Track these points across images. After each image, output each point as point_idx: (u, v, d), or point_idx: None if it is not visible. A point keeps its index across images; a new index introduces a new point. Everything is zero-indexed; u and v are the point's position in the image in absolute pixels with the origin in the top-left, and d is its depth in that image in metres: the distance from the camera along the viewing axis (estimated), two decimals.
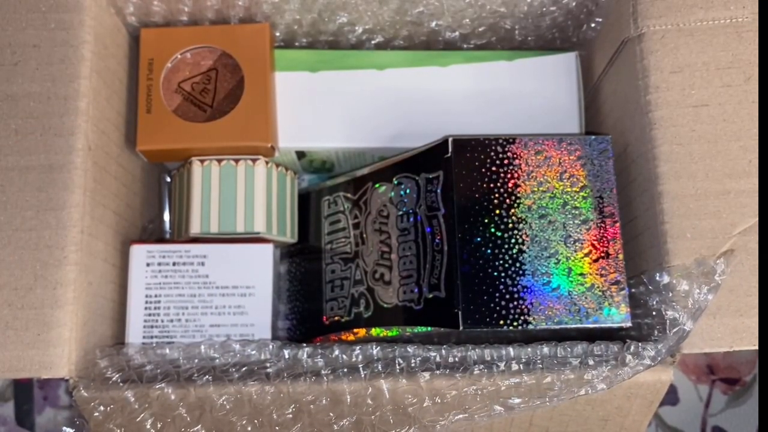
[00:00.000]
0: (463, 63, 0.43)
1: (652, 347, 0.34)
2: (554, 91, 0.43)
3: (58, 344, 0.34)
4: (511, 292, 0.35)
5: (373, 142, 0.42)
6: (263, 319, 0.40)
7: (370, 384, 0.35)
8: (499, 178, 0.37)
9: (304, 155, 0.43)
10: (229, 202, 0.40)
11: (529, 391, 0.35)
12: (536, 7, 0.42)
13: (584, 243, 0.36)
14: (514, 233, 0.36)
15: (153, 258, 0.40)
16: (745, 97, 0.36)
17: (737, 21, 0.36)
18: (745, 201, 0.35)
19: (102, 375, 0.36)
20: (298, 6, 0.42)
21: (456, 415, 0.35)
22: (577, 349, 0.35)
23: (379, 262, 0.39)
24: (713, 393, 0.59)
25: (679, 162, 0.35)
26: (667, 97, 0.36)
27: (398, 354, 0.36)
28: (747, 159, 0.35)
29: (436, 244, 0.37)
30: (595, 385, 0.34)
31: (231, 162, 0.40)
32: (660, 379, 0.35)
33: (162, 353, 0.37)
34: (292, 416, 0.35)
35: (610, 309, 0.35)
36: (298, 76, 0.43)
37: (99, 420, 0.35)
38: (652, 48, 0.37)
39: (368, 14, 0.43)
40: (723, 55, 0.36)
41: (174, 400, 0.35)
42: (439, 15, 0.43)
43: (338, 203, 0.42)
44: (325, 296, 0.42)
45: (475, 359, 0.36)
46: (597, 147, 0.37)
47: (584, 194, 0.37)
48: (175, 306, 0.40)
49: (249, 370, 0.36)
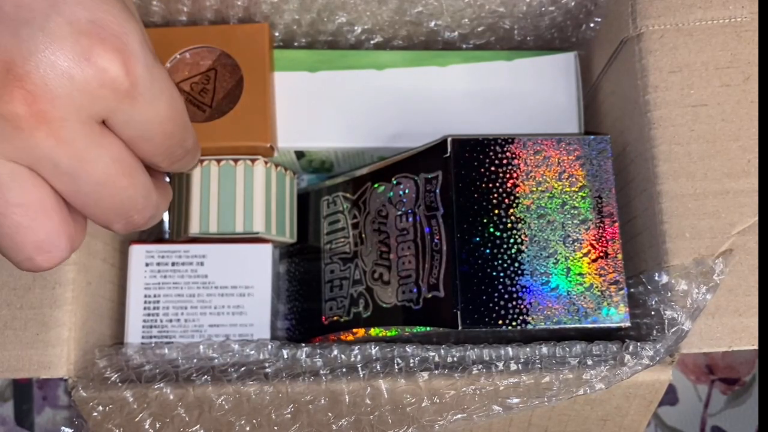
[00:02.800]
0: (462, 63, 0.43)
1: (650, 347, 0.34)
2: (553, 91, 0.43)
3: (57, 344, 0.34)
4: (510, 292, 0.35)
5: (372, 141, 0.42)
6: (262, 319, 0.40)
7: (368, 384, 0.35)
8: (498, 178, 0.37)
9: (303, 155, 0.43)
10: (228, 202, 0.40)
11: (527, 391, 0.35)
12: (535, 7, 0.42)
13: (583, 243, 0.36)
14: (513, 233, 0.36)
15: (152, 258, 0.40)
16: (744, 96, 0.36)
17: (736, 21, 0.36)
18: (744, 201, 0.35)
19: (101, 375, 0.36)
20: (297, 6, 0.42)
21: (454, 415, 0.35)
22: (576, 349, 0.35)
23: (378, 262, 0.39)
24: (712, 393, 0.59)
25: (678, 162, 0.35)
26: (666, 97, 0.36)
27: (397, 354, 0.36)
28: (746, 159, 0.35)
29: (435, 244, 0.37)
30: (594, 385, 0.34)
31: (230, 162, 0.40)
32: (659, 379, 0.35)
33: (161, 353, 0.37)
34: (290, 416, 0.35)
35: (609, 309, 0.35)
36: (298, 76, 0.43)
37: (98, 420, 0.35)
38: (650, 48, 0.37)
39: (367, 14, 0.43)
40: (722, 54, 0.36)
41: (173, 400, 0.35)
42: (438, 15, 0.43)
43: (337, 203, 0.42)
44: (324, 296, 0.42)
45: (473, 359, 0.36)
46: (596, 147, 0.37)
47: (583, 194, 0.37)
48: (174, 306, 0.40)
49: (248, 370, 0.36)
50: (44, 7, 0.22)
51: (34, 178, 0.24)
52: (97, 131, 0.24)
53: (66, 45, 0.23)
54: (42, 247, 0.25)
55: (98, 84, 0.23)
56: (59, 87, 0.23)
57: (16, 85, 0.22)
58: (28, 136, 0.23)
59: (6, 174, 0.23)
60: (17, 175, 0.24)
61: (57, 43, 0.22)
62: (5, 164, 0.23)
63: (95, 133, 0.24)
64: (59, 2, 0.23)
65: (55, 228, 0.25)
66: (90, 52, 0.23)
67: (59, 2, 0.23)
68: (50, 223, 0.25)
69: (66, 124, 0.23)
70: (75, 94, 0.23)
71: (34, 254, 0.25)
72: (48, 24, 0.22)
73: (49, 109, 0.23)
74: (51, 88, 0.22)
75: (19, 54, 0.22)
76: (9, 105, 0.22)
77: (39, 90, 0.22)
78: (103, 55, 0.23)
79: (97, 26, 0.23)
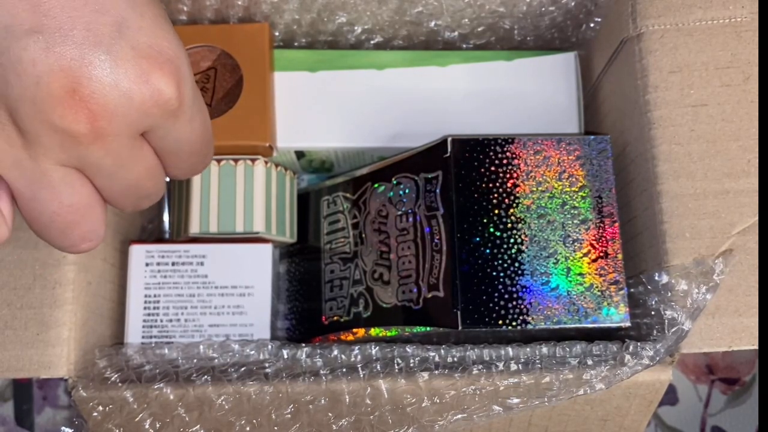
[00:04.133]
0: (462, 63, 0.43)
1: (650, 347, 0.34)
2: (553, 91, 0.43)
3: (57, 344, 0.34)
4: (510, 292, 0.35)
5: (373, 141, 0.42)
6: (262, 319, 0.40)
7: (368, 384, 0.35)
8: (498, 177, 0.37)
9: (303, 155, 0.43)
10: (228, 202, 0.40)
11: (527, 391, 0.35)
12: (535, 7, 0.42)
13: (583, 243, 0.36)
14: (513, 233, 0.36)
15: (152, 258, 0.40)
16: (744, 96, 0.36)
17: (736, 21, 0.36)
18: (744, 201, 0.35)
19: (101, 375, 0.36)
20: (297, 6, 0.42)
21: (455, 415, 0.35)
22: (576, 349, 0.35)
23: (378, 261, 0.39)
24: (712, 393, 0.59)
25: (678, 162, 0.35)
26: (666, 97, 0.36)
27: (397, 354, 0.36)
28: (746, 159, 0.35)
29: (435, 243, 0.37)
30: (594, 385, 0.34)
31: (230, 162, 0.40)
32: (659, 379, 0.35)
33: (161, 353, 0.37)
34: (290, 416, 0.35)
35: (609, 309, 0.35)
36: (298, 76, 0.43)
37: (98, 420, 0.35)
38: (651, 48, 0.37)
39: (367, 14, 0.43)
40: (722, 54, 0.36)
41: (173, 400, 0.35)
42: (438, 15, 0.43)
43: (337, 203, 0.42)
44: (324, 296, 0.42)
45: (473, 359, 0.36)
46: (596, 147, 0.37)
47: (583, 194, 0.37)
48: (174, 306, 0.40)
49: (248, 370, 0.36)
50: (111, 32, 0.24)
51: (82, 178, 0.26)
52: (138, 143, 0.27)
53: (129, 67, 0.25)
54: (86, 237, 0.28)
55: (153, 104, 0.25)
56: (119, 106, 0.25)
57: (82, 105, 0.24)
58: (84, 148, 0.25)
59: (59, 178, 0.26)
60: (68, 178, 0.26)
61: (121, 66, 0.24)
62: (58, 169, 0.26)
63: (137, 144, 0.27)
64: (124, 28, 0.25)
65: (98, 220, 0.28)
66: (149, 74, 0.25)
67: (124, 28, 0.25)
68: (95, 217, 0.27)
69: (118, 137, 0.25)
70: (131, 113, 0.25)
71: (79, 243, 0.28)
72: (113, 48, 0.24)
73: (107, 126, 0.25)
74: (112, 107, 0.24)
75: (86, 75, 0.24)
76: (74, 124, 0.24)
77: (101, 109, 0.24)
78: (160, 78, 0.25)
79: (156, 51, 0.25)
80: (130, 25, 0.25)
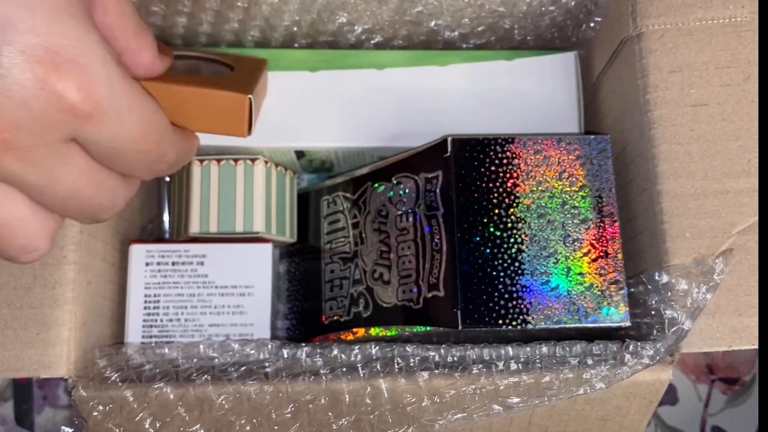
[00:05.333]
0: (462, 63, 0.43)
1: (651, 347, 0.34)
2: (553, 91, 0.43)
3: (57, 344, 0.34)
4: (510, 292, 0.35)
5: (373, 141, 0.42)
6: (262, 318, 0.40)
7: (368, 383, 0.35)
8: (498, 177, 0.37)
9: (303, 155, 0.43)
10: (228, 202, 0.40)
11: (527, 391, 0.35)
12: (535, 6, 0.42)
13: (583, 242, 0.36)
14: (513, 233, 0.36)
15: (152, 257, 0.40)
16: (744, 96, 0.36)
17: (736, 20, 0.36)
18: (744, 200, 0.35)
19: (101, 374, 0.36)
20: (297, 6, 0.42)
21: (455, 415, 0.35)
22: (576, 349, 0.35)
23: (378, 261, 0.39)
24: (712, 393, 0.59)
25: (678, 161, 0.35)
26: (666, 97, 0.36)
27: (397, 353, 0.36)
28: (746, 158, 0.35)
29: (435, 243, 0.37)
30: (594, 385, 0.34)
31: (230, 161, 0.40)
32: (659, 379, 0.35)
33: (161, 353, 0.37)
34: (290, 416, 0.35)
35: (609, 308, 0.35)
36: (298, 76, 0.43)
37: (98, 419, 0.35)
38: (651, 47, 0.37)
39: (367, 14, 0.43)
40: (722, 54, 0.36)
41: (173, 400, 0.35)
42: (438, 14, 0.43)
43: (337, 203, 0.42)
44: (324, 296, 0.42)
45: (473, 359, 0.36)
46: (596, 146, 0.37)
47: (583, 194, 0.37)
48: (174, 305, 0.40)
49: (248, 370, 0.36)
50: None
51: (10, 192, 0.25)
52: (63, 151, 0.25)
53: (20, 75, 0.22)
54: (24, 249, 0.26)
55: (56, 110, 0.23)
56: (19, 118, 0.23)
57: None
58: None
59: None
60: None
61: (10, 76, 0.22)
62: None
63: (61, 153, 0.25)
64: (9, 31, 0.22)
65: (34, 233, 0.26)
66: (45, 79, 0.23)
67: (9, 31, 0.22)
68: (29, 230, 0.26)
69: (31, 149, 0.24)
70: (35, 124, 0.23)
71: (18, 255, 0.27)
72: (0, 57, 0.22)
73: (11, 139, 0.23)
74: (11, 119, 0.23)
75: None
76: None
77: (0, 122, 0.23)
78: (57, 82, 0.23)
79: (51, 52, 0.23)
80: (17, 26, 0.22)
